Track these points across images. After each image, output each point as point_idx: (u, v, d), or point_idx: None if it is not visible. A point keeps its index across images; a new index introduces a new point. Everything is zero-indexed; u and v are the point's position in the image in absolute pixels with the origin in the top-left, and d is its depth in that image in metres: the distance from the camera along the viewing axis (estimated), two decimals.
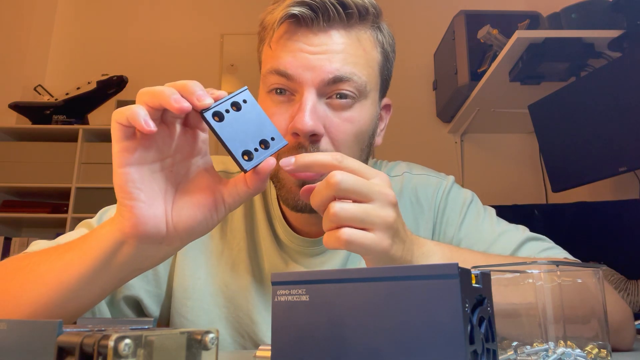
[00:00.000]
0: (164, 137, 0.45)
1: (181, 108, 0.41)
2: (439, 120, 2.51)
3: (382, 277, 0.30)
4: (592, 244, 1.53)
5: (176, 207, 0.46)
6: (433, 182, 0.74)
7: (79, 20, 2.78)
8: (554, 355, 0.37)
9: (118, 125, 0.42)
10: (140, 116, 0.41)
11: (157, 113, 0.43)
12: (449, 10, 2.15)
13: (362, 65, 0.60)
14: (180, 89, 0.42)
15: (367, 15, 0.61)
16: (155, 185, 0.45)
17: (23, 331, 0.28)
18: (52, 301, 0.48)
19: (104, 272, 0.47)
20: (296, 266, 0.67)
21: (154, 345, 0.26)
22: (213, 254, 0.67)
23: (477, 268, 0.33)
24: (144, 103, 0.42)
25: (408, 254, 0.49)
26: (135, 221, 0.43)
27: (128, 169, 0.43)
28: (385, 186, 0.46)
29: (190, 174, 0.48)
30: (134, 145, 0.43)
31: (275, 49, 0.60)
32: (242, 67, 2.66)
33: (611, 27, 1.51)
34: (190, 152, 0.48)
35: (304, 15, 0.58)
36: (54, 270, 0.48)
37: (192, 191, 0.47)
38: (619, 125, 1.37)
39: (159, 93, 0.41)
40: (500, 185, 2.39)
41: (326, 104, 0.59)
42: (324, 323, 0.31)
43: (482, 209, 0.72)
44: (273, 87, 0.60)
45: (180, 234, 0.46)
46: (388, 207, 0.45)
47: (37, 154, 2.30)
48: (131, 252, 0.45)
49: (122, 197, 0.44)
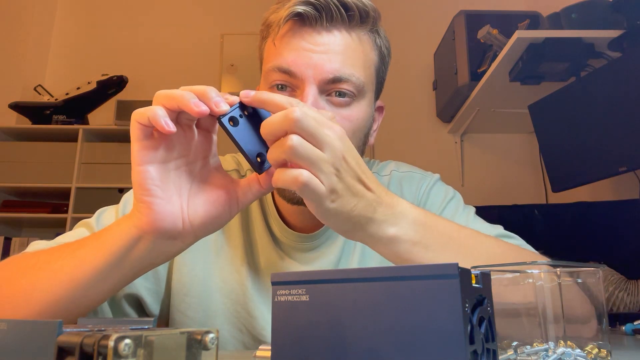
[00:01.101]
0: (180, 137, 0.47)
1: (200, 112, 0.43)
2: (439, 120, 2.51)
3: (382, 277, 0.30)
4: (592, 244, 1.53)
5: (192, 204, 0.48)
6: (417, 178, 0.77)
7: (79, 20, 2.78)
8: (554, 355, 0.37)
9: (138, 125, 0.44)
10: (160, 117, 0.43)
11: (174, 115, 0.45)
12: (449, 10, 2.16)
13: (361, 66, 0.62)
14: (199, 93, 0.44)
15: (368, 18, 0.64)
16: (171, 183, 0.47)
17: (23, 331, 0.28)
18: (64, 298, 0.49)
19: (119, 268, 0.48)
20: (291, 261, 0.69)
21: (154, 345, 0.26)
22: (211, 250, 0.69)
23: (477, 268, 0.33)
24: (161, 104, 0.44)
25: (367, 210, 0.48)
26: (153, 217, 0.45)
27: (147, 167, 0.45)
28: (336, 139, 0.45)
29: (204, 173, 0.50)
30: (152, 145, 0.45)
31: (279, 46, 0.62)
32: (242, 67, 2.66)
33: (611, 27, 1.51)
34: (202, 152, 0.50)
35: (308, 14, 0.60)
36: (67, 267, 0.49)
37: (207, 189, 0.49)
38: (619, 125, 1.37)
39: (179, 96, 0.43)
40: (500, 185, 2.39)
41: (326, 100, 0.61)
42: (324, 323, 0.31)
43: (461, 206, 0.74)
44: (275, 83, 0.62)
45: (195, 230, 0.48)
46: (336, 160, 0.45)
47: (37, 154, 2.30)
48: (147, 247, 0.47)
49: (141, 194, 0.45)
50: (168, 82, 2.69)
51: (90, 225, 0.64)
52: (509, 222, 0.72)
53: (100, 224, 0.63)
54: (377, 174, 0.77)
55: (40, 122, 2.36)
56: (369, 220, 0.49)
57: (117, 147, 2.31)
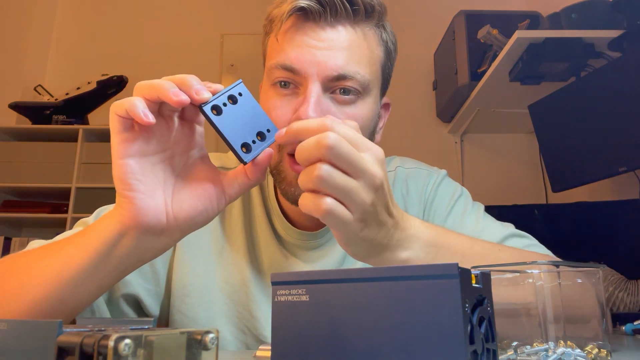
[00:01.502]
0: (162, 129, 0.46)
1: (180, 101, 0.41)
2: (439, 120, 2.51)
3: (382, 277, 0.30)
4: (592, 244, 1.53)
5: (176, 198, 0.46)
6: (424, 175, 0.75)
7: (79, 20, 2.78)
8: (554, 355, 0.37)
9: (117, 117, 0.43)
10: (138, 108, 0.41)
11: (155, 106, 0.43)
12: (449, 10, 2.15)
13: (366, 63, 0.61)
14: (179, 82, 0.43)
15: (373, 12, 0.62)
16: (154, 177, 0.45)
17: (23, 331, 0.28)
18: (52, 297, 0.48)
19: (104, 265, 0.47)
20: (295, 260, 0.68)
21: (154, 345, 0.26)
22: (212, 250, 0.68)
23: (477, 268, 0.33)
24: (141, 95, 0.43)
25: (385, 238, 0.48)
26: (135, 212, 0.44)
27: (127, 160, 0.43)
28: (375, 164, 0.44)
29: (189, 166, 0.49)
30: (133, 137, 0.44)
31: (282, 42, 0.61)
32: (242, 67, 2.66)
33: (611, 27, 1.51)
34: (187, 144, 0.48)
35: (312, 9, 0.58)
36: (53, 266, 0.48)
37: (192, 182, 0.48)
38: (619, 125, 1.37)
39: (157, 86, 0.42)
40: (500, 185, 2.39)
41: (330, 98, 0.60)
42: (324, 323, 0.31)
43: (470, 203, 0.73)
44: (278, 80, 0.60)
45: (180, 225, 0.47)
46: (370, 190, 0.44)
47: (37, 154, 2.30)
48: (131, 243, 0.46)
49: (122, 188, 0.44)
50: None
51: (88, 224, 0.63)
52: (509, 222, 0.72)
53: None
54: None
55: (40, 122, 2.36)
56: (385, 246, 0.49)
57: None
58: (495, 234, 0.67)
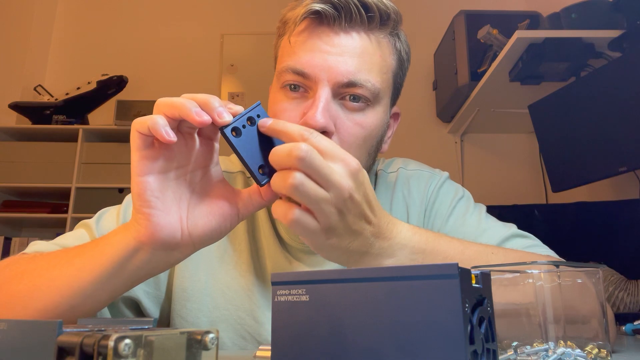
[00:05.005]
0: (181, 147, 0.46)
1: (202, 122, 0.42)
2: (439, 120, 2.51)
3: (382, 277, 0.30)
4: (592, 244, 1.53)
5: (191, 215, 0.47)
6: (426, 176, 0.75)
7: (79, 20, 2.78)
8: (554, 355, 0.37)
9: (138, 134, 0.43)
10: (161, 126, 0.42)
11: (175, 123, 0.44)
12: (449, 10, 2.15)
13: (378, 72, 0.60)
14: (201, 103, 0.43)
15: (388, 20, 0.61)
16: (171, 194, 0.46)
17: (23, 331, 0.28)
18: (62, 306, 0.48)
19: (116, 278, 0.48)
20: (299, 264, 0.67)
21: (154, 345, 0.26)
22: (214, 255, 0.67)
23: (477, 268, 0.33)
24: (162, 113, 0.43)
25: (364, 246, 0.48)
26: (152, 230, 0.44)
27: (147, 177, 0.44)
28: (344, 176, 0.45)
29: (204, 182, 0.49)
30: (153, 155, 0.44)
31: (294, 45, 0.60)
32: (242, 67, 2.66)
33: (611, 27, 1.51)
34: (203, 161, 0.49)
35: (326, 13, 0.58)
36: (65, 276, 0.49)
37: (207, 199, 0.48)
38: (619, 125, 1.37)
39: (179, 105, 0.42)
40: (500, 185, 2.39)
41: (339, 104, 0.59)
42: (324, 323, 0.31)
43: (472, 204, 0.73)
44: (287, 84, 0.60)
45: (194, 241, 0.47)
46: (339, 201, 0.45)
47: (37, 154, 2.30)
48: (145, 258, 0.46)
49: (140, 205, 0.44)
50: (168, 82, 2.69)
51: (90, 227, 0.63)
52: (509, 222, 0.72)
53: (100, 227, 0.63)
54: (383, 171, 0.75)
55: (40, 122, 2.36)
56: (364, 254, 0.49)
57: (117, 147, 2.31)
58: (497, 234, 0.67)
